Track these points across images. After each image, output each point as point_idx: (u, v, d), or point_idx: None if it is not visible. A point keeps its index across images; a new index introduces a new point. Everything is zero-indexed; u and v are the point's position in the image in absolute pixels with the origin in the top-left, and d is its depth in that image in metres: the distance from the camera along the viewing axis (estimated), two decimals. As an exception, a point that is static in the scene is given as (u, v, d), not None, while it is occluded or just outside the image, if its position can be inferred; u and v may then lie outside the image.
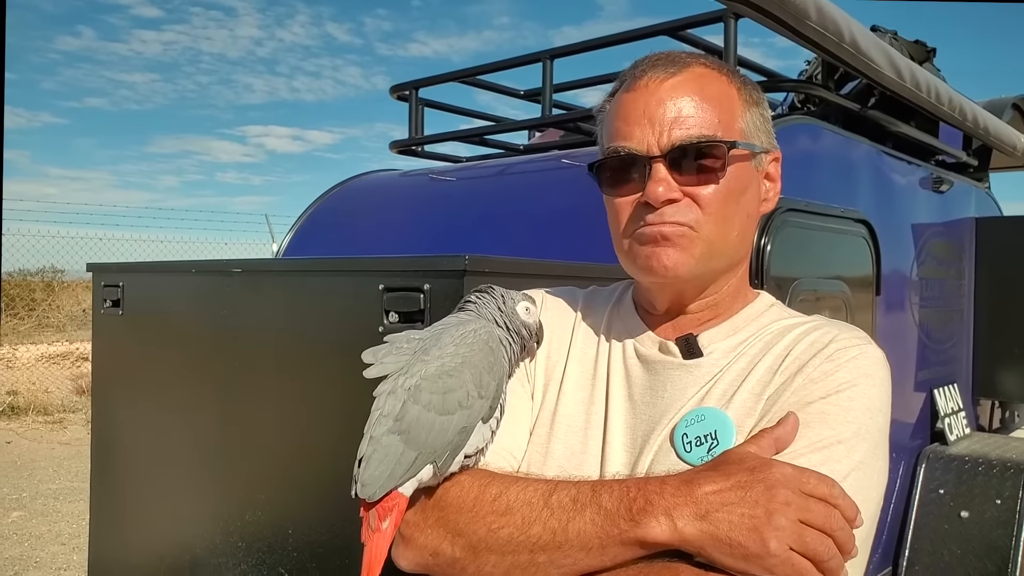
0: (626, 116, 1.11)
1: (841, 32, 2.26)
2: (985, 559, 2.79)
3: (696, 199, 1.08)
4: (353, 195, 3.45)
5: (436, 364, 1.06)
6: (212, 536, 2.10)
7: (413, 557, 1.05)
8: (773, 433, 0.97)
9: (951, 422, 3.28)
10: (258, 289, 2.05)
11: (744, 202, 1.13)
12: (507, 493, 1.01)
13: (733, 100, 1.12)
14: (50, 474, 7.21)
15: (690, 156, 1.07)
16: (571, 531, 0.94)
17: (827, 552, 0.86)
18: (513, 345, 1.16)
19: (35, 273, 15.99)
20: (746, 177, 1.13)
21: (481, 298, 1.20)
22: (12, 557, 5.14)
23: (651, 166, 1.07)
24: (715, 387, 1.09)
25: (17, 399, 10.32)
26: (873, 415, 1.02)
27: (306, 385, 1.90)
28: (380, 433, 1.03)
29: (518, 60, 3.08)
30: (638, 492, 0.93)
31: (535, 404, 1.22)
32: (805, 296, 2.34)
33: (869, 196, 2.87)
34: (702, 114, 1.08)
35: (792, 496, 0.87)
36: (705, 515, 0.88)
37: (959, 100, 3.07)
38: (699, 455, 1.03)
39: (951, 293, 3.54)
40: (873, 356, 1.07)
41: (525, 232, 2.68)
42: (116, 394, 2.55)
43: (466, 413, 1.04)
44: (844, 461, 0.96)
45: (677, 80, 1.10)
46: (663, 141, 1.07)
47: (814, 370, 1.04)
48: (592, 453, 1.14)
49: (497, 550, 0.98)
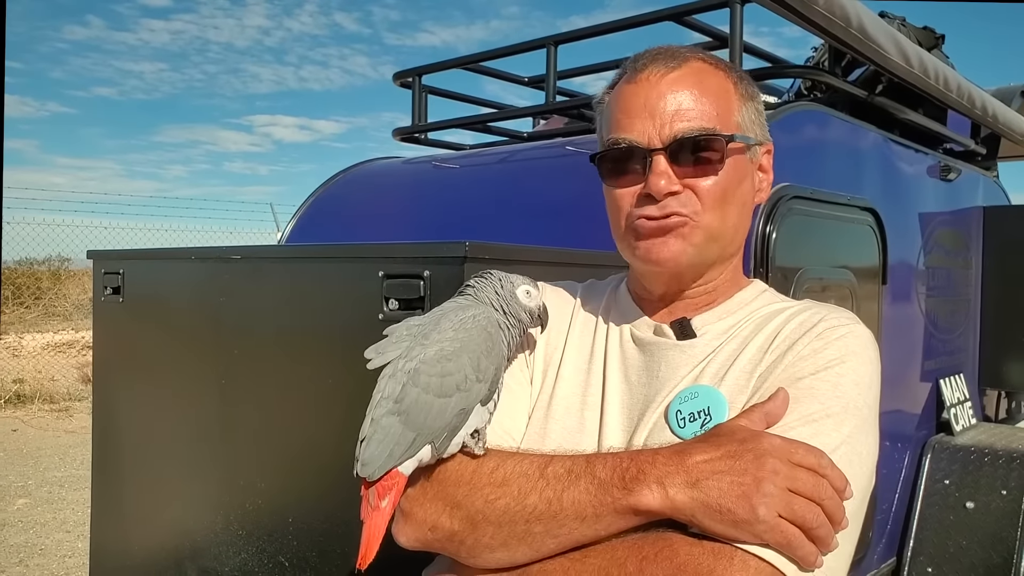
0: (627, 108, 1.14)
1: (849, 17, 2.23)
2: (990, 550, 2.78)
3: (695, 190, 1.12)
4: (356, 183, 3.43)
5: (435, 348, 1.09)
6: (213, 524, 2.09)
7: (412, 532, 1.08)
8: (764, 408, 1.00)
9: (957, 412, 3.25)
10: (258, 276, 2.04)
11: (740, 193, 1.17)
12: (504, 466, 1.04)
13: (730, 94, 1.16)
14: (55, 462, 7.25)
15: (690, 149, 1.10)
16: (566, 500, 0.97)
17: (815, 520, 0.89)
18: (512, 329, 1.19)
19: (42, 262, 16.04)
20: (742, 169, 1.16)
21: (480, 283, 1.22)
22: (17, 544, 5.16)
23: (652, 158, 1.11)
24: (708, 366, 1.12)
25: (23, 387, 10.37)
26: (861, 391, 1.04)
27: (306, 372, 1.89)
28: (380, 414, 1.06)
29: (522, 46, 3.05)
30: (631, 462, 0.96)
31: (534, 388, 1.25)
32: (811, 285, 2.32)
33: (876, 184, 2.84)
34: (701, 107, 1.12)
35: (780, 465, 0.90)
36: (696, 483, 0.91)
37: (968, 87, 3.04)
38: (692, 430, 1.06)
39: (958, 282, 3.51)
40: (861, 335, 1.10)
41: (528, 219, 2.66)
42: (117, 381, 2.55)
43: (464, 395, 1.07)
44: (833, 434, 0.99)
45: (677, 74, 1.13)
46: (664, 134, 1.11)
47: (803, 348, 1.07)
48: (589, 432, 1.17)
49: (494, 521, 1.00)
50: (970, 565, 2.81)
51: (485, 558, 1.03)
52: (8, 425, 8.88)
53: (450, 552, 1.07)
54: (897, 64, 2.55)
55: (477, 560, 1.03)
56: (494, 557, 1.02)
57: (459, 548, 1.04)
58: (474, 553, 1.03)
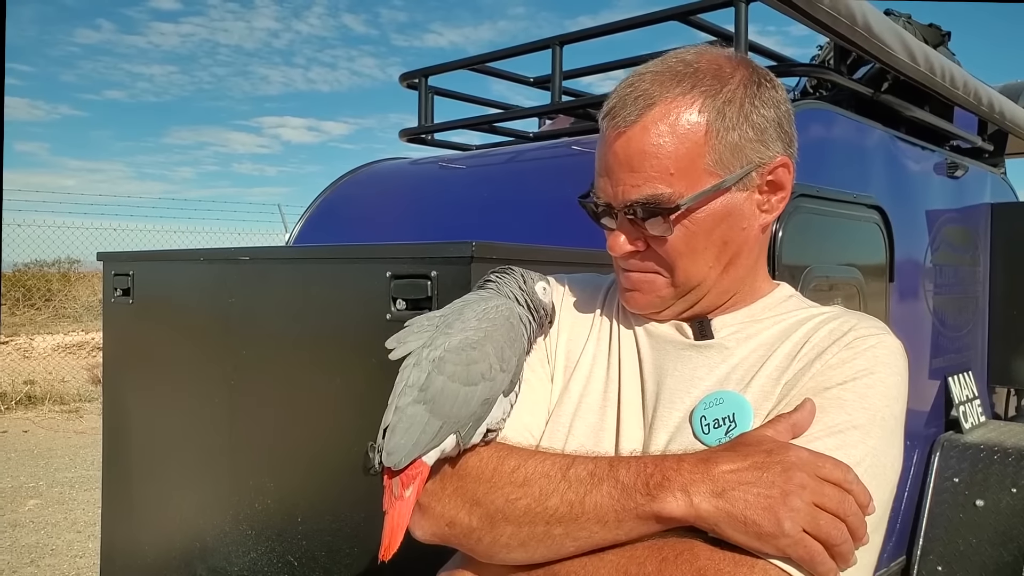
0: (597, 161, 1.15)
1: (854, 15, 2.23)
2: (1000, 548, 2.77)
3: (657, 248, 1.12)
4: (363, 183, 3.44)
5: (460, 337, 1.08)
6: (222, 523, 2.10)
7: (429, 527, 1.07)
8: (790, 418, 0.98)
9: (966, 410, 3.25)
10: (266, 277, 2.05)
11: (719, 232, 1.11)
12: (525, 465, 1.03)
13: (699, 136, 1.06)
14: (66, 463, 7.28)
15: (642, 213, 1.08)
16: (588, 504, 0.95)
17: (839, 536, 0.87)
18: (532, 323, 1.19)
19: (51, 264, 16.12)
20: (718, 209, 1.10)
21: (501, 277, 1.22)
22: (29, 545, 5.19)
23: (616, 215, 1.12)
24: (734, 371, 1.10)
25: (34, 389, 10.42)
26: (889, 403, 1.03)
27: (315, 372, 1.90)
28: (405, 403, 1.05)
29: (527, 47, 3.05)
30: (655, 468, 0.94)
31: (554, 386, 1.24)
32: (818, 283, 2.32)
33: (882, 182, 2.84)
34: (653, 168, 1.06)
35: (808, 479, 0.88)
36: (722, 493, 0.89)
37: (974, 84, 3.03)
38: (717, 437, 1.04)
39: (966, 280, 3.50)
40: (891, 346, 1.09)
41: (535, 219, 2.67)
42: (127, 382, 2.57)
43: (489, 385, 1.06)
44: (859, 446, 0.97)
45: (634, 131, 1.07)
46: (618, 198, 1.10)
47: (832, 357, 1.05)
48: (608, 430, 1.16)
49: (514, 521, 0.99)
50: (980, 563, 2.80)
51: (502, 557, 1.02)
52: (19, 426, 8.93)
53: (466, 548, 1.06)
54: (902, 61, 2.54)
55: (494, 558, 1.03)
56: (511, 556, 1.01)
57: (476, 545, 1.04)
58: (492, 551, 1.03)
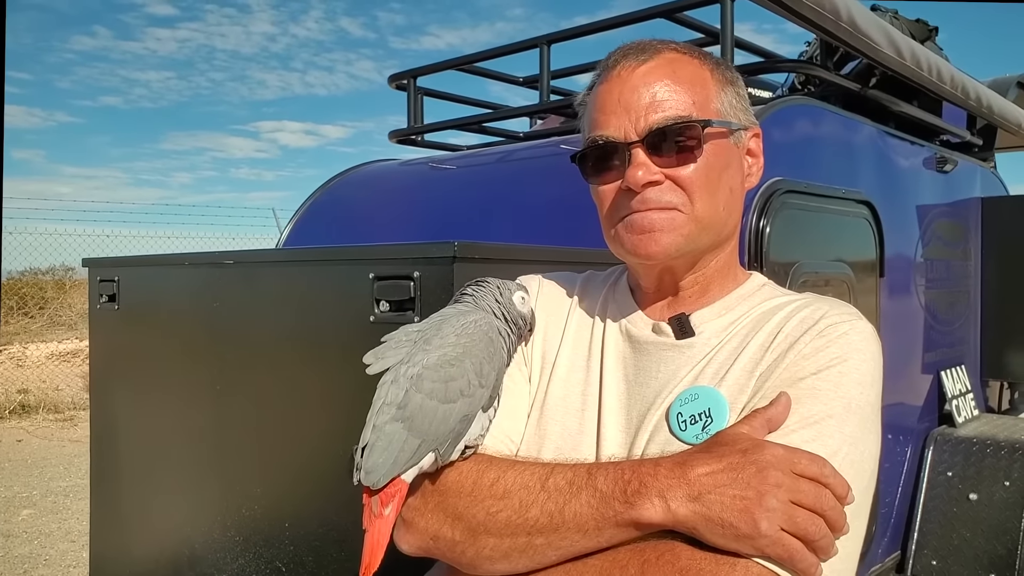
0: (602, 106, 1.14)
1: (838, 10, 2.23)
2: (994, 541, 2.77)
3: (677, 180, 1.11)
4: (353, 185, 3.43)
5: (438, 353, 1.08)
6: (210, 530, 2.09)
7: (414, 541, 1.08)
8: (766, 413, 0.99)
9: (959, 404, 3.24)
10: (251, 280, 2.04)
11: (727, 177, 1.15)
12: (505, 477, 1.03)
13: (706, 81, 1.15)
14: (60, 472, 7.25)
15: (668, 138, 1.09)
16: (567, 513, 0.96)
17: (818, 532, 0.88)
18: (511, 335, 1.18)
19: (46, 272, 16.06)
20: (726, 153, 1.15)
21: (478, 290, 1.21)
22: (22, 555, 5.16)
23: (630, 152, 1.11)
24: (708, 366, 1.11)
25: (28, 397, 10.38)
26: (864, 389, 1.03)
27: (300, 376, 1.89)
28: (383, 421, 1.04)
29: (515, 46, 3.04)
30: (632, 474, 0.95)
31: (532, 388, 1.24)
32: (807, 279, 2.31)
33: (871, 177, 2.83)
34: (676, 97, 1.11)
35: (783, 477, 0.89)
36: (698, 496, 0.90)
37: (962, 79, 3.03)
38: (694, 433, 1.05)
39: (957, 274, 3.50)
40: (863, 331, 1.09)
41: (525, 218, 2.66)
42: (114, 389, 2.55)
43: (468, 401, 1.06)
44: (835, 436, 0.98)
45: (649, 67, 1.13)
46: (640, 126, 1.10)
47: (805, 346, 1.06)
48: (588, 434, 1.16)
49: (496, 533, 1.00)
50: (974, 557, 2.80)
51: (486, 568, 1.03)
52: (13, 435, 8.89)
53: (451, 561, 1.07)
54: (888, 56, 2.54)
55: (478, 569, 1.04)
56: (495, 568, 1.02)
57: (460, 558, 1.04)
58: (476, 563, 1.03)
